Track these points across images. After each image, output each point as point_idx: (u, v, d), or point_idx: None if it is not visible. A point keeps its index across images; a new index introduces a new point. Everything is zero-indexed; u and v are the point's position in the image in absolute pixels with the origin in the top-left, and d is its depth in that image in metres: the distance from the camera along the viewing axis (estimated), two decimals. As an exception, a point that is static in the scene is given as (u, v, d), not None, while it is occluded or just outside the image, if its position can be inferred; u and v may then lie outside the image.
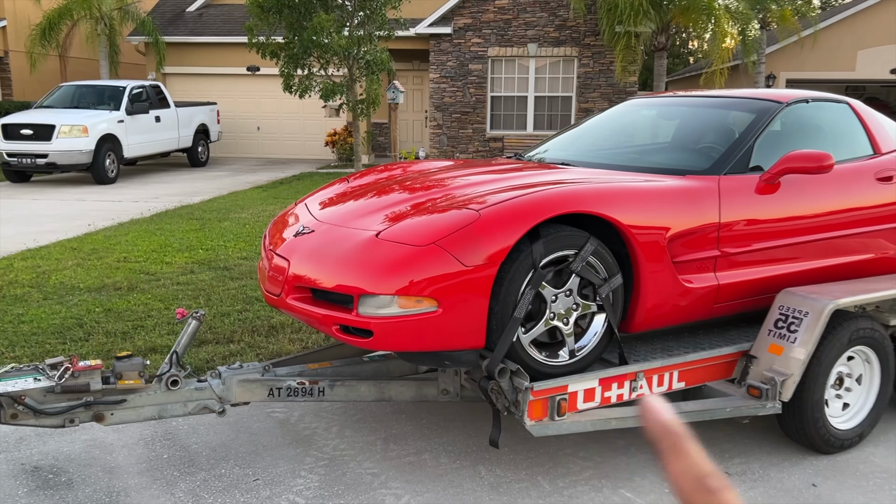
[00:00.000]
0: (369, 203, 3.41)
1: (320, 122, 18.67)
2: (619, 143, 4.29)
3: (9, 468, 3.30)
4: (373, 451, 3.50)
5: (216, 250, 7.68)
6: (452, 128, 17.16)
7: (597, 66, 16.59)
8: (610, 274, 3.03)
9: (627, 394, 3.15)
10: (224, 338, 4.95)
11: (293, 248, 3.18)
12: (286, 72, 13.51)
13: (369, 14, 13.54)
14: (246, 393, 3.24)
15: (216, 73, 19.04)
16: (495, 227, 2.79)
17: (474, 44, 16.80)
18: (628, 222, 3.02)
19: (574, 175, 3.47)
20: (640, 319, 3.19)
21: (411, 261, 2.75)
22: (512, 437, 3.56)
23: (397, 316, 2.73)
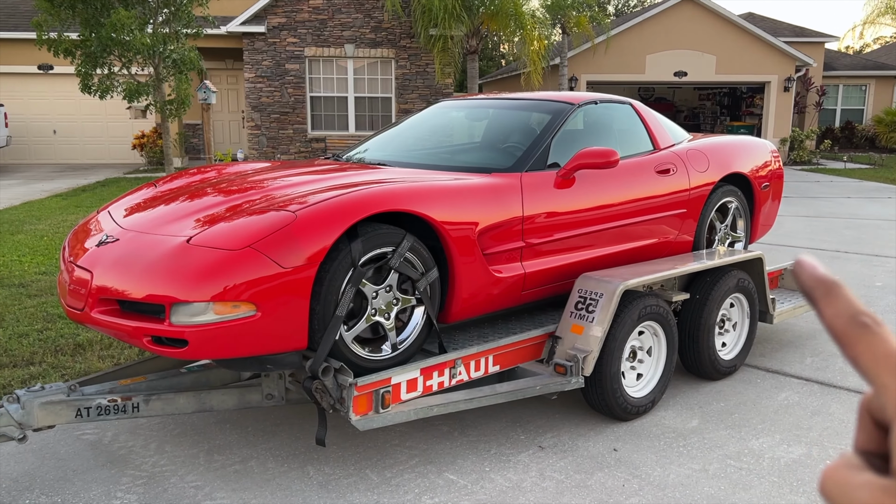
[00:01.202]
0: (179, 208, 3.30)
1: (126, 124, 17.51)
2: (431, 144, 4.47)
3: None
4: (195, 463, 3.40)
5: (9, 266, 7.00)
6: (272, 128, 16.78)
7: (414, 67, 16.95)
8: (427, 268, 3.17)
9: (448, 381, 3.31)
10: (23, 360, 4.55)
11: (96, 258, 3.01)
12: (83, 71, 12.52)
13: (174, 11, 12.89)
14: (50, 416, 3.02)
15: (2, 73, 17.23)
16: (313, 228, 2.82)
17: (290, 43, 16.53)
18: (441, 219, 3.18)
19: (389, 175, 3.58)
20: (457, 310, 3.36)
21: (226, 265, 2.71)
22: (340, 435, 3.61)
23: (214, 323, 2.68)
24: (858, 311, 0.40)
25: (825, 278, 0.41)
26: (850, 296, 0.40)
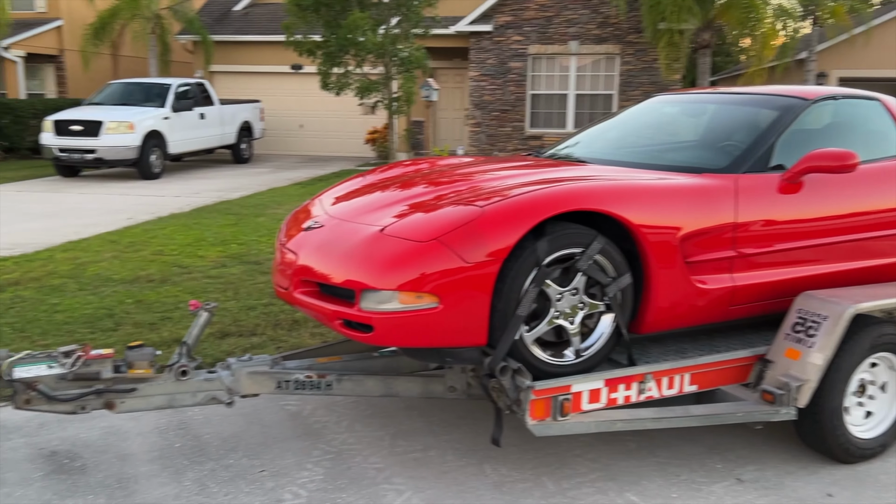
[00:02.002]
0: (381, 198, 3.41)
1: (361, 120, 18.80)
2: (639, 141, 4.22)
3: (27, 452, 3.40)
4: (380, 446, 3.51)
5: (249, 245, 7.81)
6: (491, 126, 17.11)
7: (640, 63, 16.34)
8: (618, 273, 2.98)
9: (635, 396, 3.09)
10: (247, 331, 5.03)
11: (302, 242, 3.21)
12: (323, 70, 13.64)
13: (406, 12, 13.58)
14: (254, 385, 3.28)
15: (261, 72, 19.35)
16: (498, 224, 2.76)
17: (515, 41, 16.72)
18: (638, 221, 2.96)
19: (588, 172, 3.42)
20: (651, 320, 3.12)
21: (413, 256, 2.74)
22: (521, 437, 3.53)
23: (398, 311, 2.73)
24: None
25: None
26: None
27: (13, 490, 3.08)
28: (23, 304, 5.53)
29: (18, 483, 3.13)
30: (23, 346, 4.55)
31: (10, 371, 2.87)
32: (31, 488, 3.09)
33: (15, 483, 3.13)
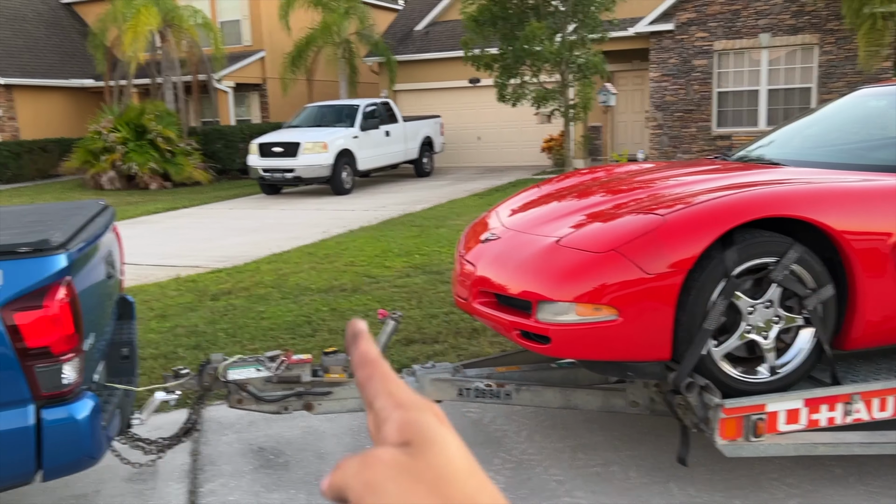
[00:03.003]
0: (555, 209, 3.42)
1: (537, 129, 18.86)
2: (841, 139, 3.86)
3: (239, 447, 3.77)
4: (560, 458, 3.49)
5: (431, 255, 8.10)
6: (674, 127, 16.42)
7: (842, 52, 14.92)
8: (819, 284, 2.76)
9: (840, 418, 2.83)
10: (430, 338, 5.22)
11: (480, 253, 3.29)
12: (500, 82, 13.85)
13: (582, 18, 13.44)
14: (437, 392, 3.39)
15: (440, 88, 20.03)
16: (681, 233, 2.66)
17: (698, 38, 15.94)
18: (840, 227, 2.72)
19: (782, 175, 3.20)
20: (858, 335, 2.85)
21: (590, 268, 2.72)
22: (710, 456, 3.34)
23: (575, 323, 2.71)
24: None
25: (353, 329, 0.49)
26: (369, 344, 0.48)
27: (228, 481, 3.42)
28: (234, 312, 6.13)
29: (232, 475, 3.48)
30: (234, 350, 5.05)
31: (225, 373, 3.20)
32: (243, 480, 3.42)
33: (229, 475, 3.48)
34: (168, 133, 17.15)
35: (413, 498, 0.41)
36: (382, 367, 0.47)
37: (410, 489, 0.42)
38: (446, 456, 0.43)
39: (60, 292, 2.26)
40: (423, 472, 0.42)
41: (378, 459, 0.43)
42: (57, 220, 2.73)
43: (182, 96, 18.56)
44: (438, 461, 0.42)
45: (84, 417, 2.32)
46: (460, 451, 0.44)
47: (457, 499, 0.41)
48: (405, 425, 0.44)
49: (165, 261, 8.63)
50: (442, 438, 0.44)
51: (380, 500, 0.42)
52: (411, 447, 0.43)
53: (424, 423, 0.44)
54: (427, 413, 0.45)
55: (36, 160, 20.06)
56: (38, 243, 2.28)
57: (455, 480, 0.42)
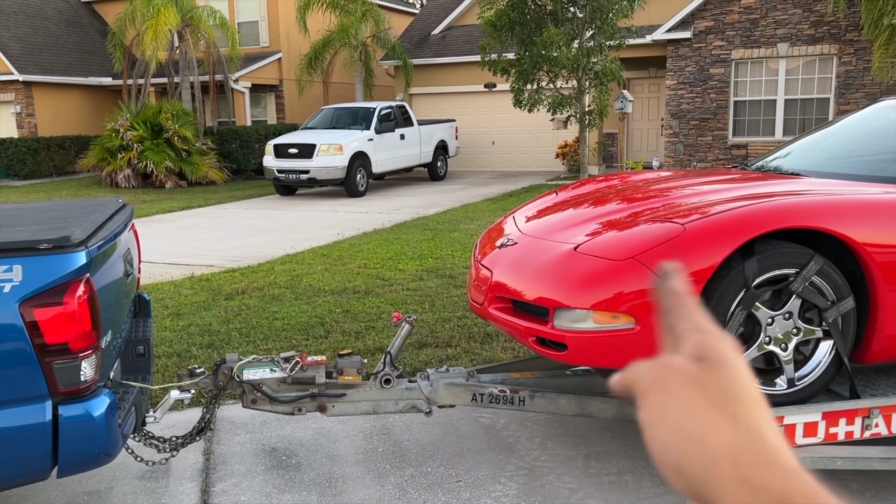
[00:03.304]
0: (574, 215, 3.40)
1: (552, 135, 18.84)
2: (862, 151, 3.83)
3: (252, 447, 3.78)
4: (573, 465, 3.47)
5: (444, 259, 8.10)
6: (690, 136, 16.36)
7: (860, 63, 14.82)
8: (839, 297, 2.73)
9: (859, 432, 2.80)
10: (443, 342, 5.21)
11: (497, 259, 3.28)
12: (516, 87, 13.84)
13: (600, 25, 13.42)
14: (451, 396, 3.39)
15: (455, 92, 20.05)
16: (701, 243, 2.64)
17: (716, 47, 15.88)
18: (863, 239, 2.70)
19: (802, 186, 3.17)
20: (878, 349, 2.82)
21: (608, 275, 2.70)
22: (724, 468, 3.32)
23: (593, 331, 2.70)
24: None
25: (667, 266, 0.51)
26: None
27: (240, 481, 3.43)
28: (248, 312, 6.15)
29: (244, 475, 3.48)
30: (248, 350, 5.06)
31: (240, 373, 3.21)
32: (255, 480, 3.42)
33: (242, 474, 3.49)
34: (184, 132, 17.26)
35: (695, 404, 0.43)
36: (691, 301, 0.49)
37: (694, 396, 0.44)
38: (736, 377, 0.44)
39: (80, 289, 2.27)
40: (710, 385, 0.44)
41: (671, 363, 0.46)
42: (77, 218, 2.74)
43: (199, 96, 18.68)
44: (727, 380, 0.44)
45: (100, 414, 2.33)
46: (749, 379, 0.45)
47: (739, 415, 0.43)
48: (703, 344, 0.46)
49: (180, 259, 8.67)
50: (735, 363, 0.45)
51: (663, 398, 0.45)
52: (705, 362, 0.45)
53: (721, 347, 0.46)
54: (724, 340, 0.47)
55: (53, 157, 20.25)
56: (59, 240, 2.30)
57: (739, 401, 0.43)
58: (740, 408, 0.43)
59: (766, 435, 0.43)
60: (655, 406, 0.45)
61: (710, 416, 0.43)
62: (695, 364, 0.45)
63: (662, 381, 0.45)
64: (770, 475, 0.41)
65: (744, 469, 0.41)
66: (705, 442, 0.42)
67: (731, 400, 0.43)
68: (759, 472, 0.41)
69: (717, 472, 0.42)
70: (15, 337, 2.19)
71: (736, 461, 0.42)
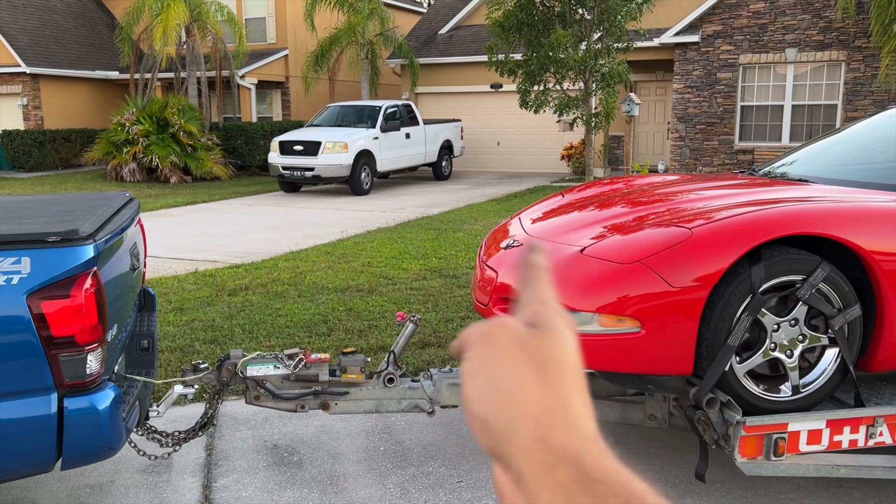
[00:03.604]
0: (579, 217, 3.40)
1: (558, 136, 18.82)
2: (870, 158, 3.82)
3: (254, 443, 3.78)
4: (575, 468, 3.46)
5: (448, 259, 8.09)
6: (696, 140, 16.33)
7: (869, 70, 14.78)
8: (846, 304, 2.72)
9: (863, 440, 2.79)
10: (445, 342, 5.21)
11: (502, 260, 3.28)
12: (523, 88, 13.83)
13: (608, 27, 13.41)
14: (454, 396, 3.38)
15: (462, 92, 20.05)
16: (709, 247, 2.64)
17: (724, 51, 15.85)
18: (870, 247, 2.69)
19: (810, 193, 3.17)
20: (884, 358, 2.81)
21: (614, 278, 2.70)
22: (727, 473, 3.31)
23: (598, 334, 2.69)
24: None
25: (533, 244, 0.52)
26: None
27: (242, 477, 3.43)
28: (251, 308, 6.16)
29: (246, 471, 3.49)
30: (251, 346, 5.07)
31: (244, 369, 3.21)
32: (257, 477, 3.43)
33: (243, 470, 3.49)
34: (190, 127, 17.28)
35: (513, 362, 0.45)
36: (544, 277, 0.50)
37: (515, 354, 0.45)
38: (560, 347, 0.45)
39: (87, 283, 2.28)
40: (532, 348, 0.45)
41: (501, 322, 0.47)
42: (85, 211, 2.75)
43: (205, 91, 18.70)
44: (550, 347, 0.45)
45: (105, 408, 2.33)
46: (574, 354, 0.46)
47: (552, 380, 0.44)
48: (538, 314, 0.47)
49: (184, 254, 8.68)
50: (563, 334, 0.47)
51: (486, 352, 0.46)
52: (535, 328, 0.46)
53: (554, 318, 0.47)
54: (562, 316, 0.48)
55: (58, 149, 20.28)
56: (67, 233, 2.30)
57: (556, 367, 0.45)
58: (555, 374, 0.44)
59: (572, 402, 0.44)
60: (477, 358, 0.46)
61: (524, 375, 0.44)
62: (526, 328, 0.46)
63: (490, 336, 0.46)
64: (567, 437, 0.43)
65: (544, 428, 0.42)
66: (514, 397, 0.43)
67: (549, 365, 0.44)
68: (557, 433, 0.42)
69: (518, 429, 0.43)
70: (22, 329, 2.20)
71: (538, 420, 0.43)
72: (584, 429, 0.44)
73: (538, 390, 0.44)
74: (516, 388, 0.44)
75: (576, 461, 0.42)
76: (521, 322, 0.47)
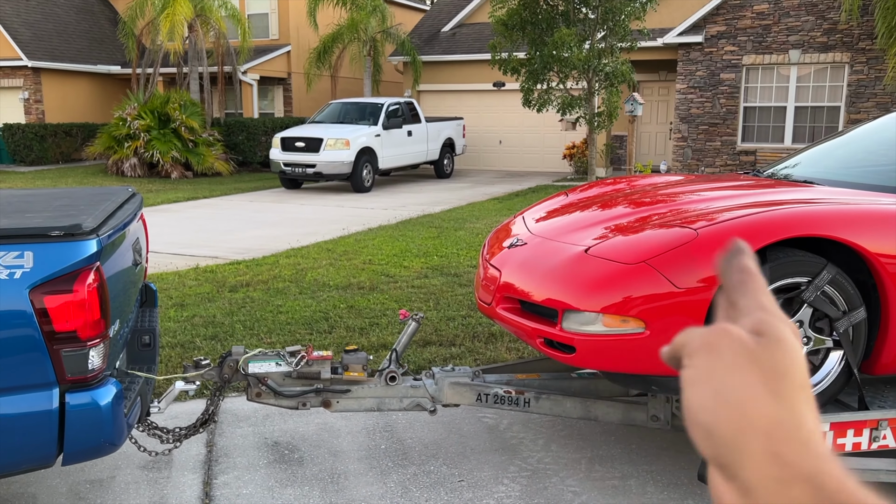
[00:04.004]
0: (583, 217, 3.39)
1: (560, 136, 18.81)
2: (875, 161, 3.80)
3: (254, 440, 3.77)
4: (577, 469, 3.46)
5: (449, 257, 8.08)
6: (698, 140, 16.32)
7: (872, 72, 14.76)
8: (851, 307, 2.71)
9: (867, 444, 2.78)
10: (447, 341, 5.20)
11: (505, 259, 3.27)
12: (526, 87, 13.81)
13: (612, 27, 13.39)
14: (456, 395, 3.37)
15: (464, 90, 20.02)
16: (714, 248, 2.62)
17: (727, 52, 15.83)
18: (876, 250, 2.68)
19: (815, 195, 3.15)
20: (888, 361, 2.80)
21: (619, 279, 2.69)
22: (728, 475, 3.30)
23: (601, 334, 2.68)
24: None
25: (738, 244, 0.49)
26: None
27: (242, 474, 3.42)
28: (252, 304, 6.15)
29: (247, 468, 3.48)
30: (251, 343, 5.06)
31: (245, 366, 3.20)
32: (257, 474, 3.42)
33: (244, 467, 3.48)
34: (191, 123, 17.26)
35: (742, 373, 0.43)
36: (760, 281, 0.48)
37: (744, 365, 0.43)
38: (790, 359, 0.44)
39: (90, 277, 2.27)
40: (762, 359, 0.43)
41: (726, 330, 0.45)
42: (87, 206, 2.74)
43: (207, 87, 18.68)
44: (781, 358, 0.43)
45: (107, 404, 2.32)
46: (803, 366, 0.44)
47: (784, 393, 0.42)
48: (764, 322, 0.45)
49: (185, 250, 8.67)
50: (793, 345, 0.45)
51: (711, 361, 0.44)
52: (763, 337, 0.44)
53: (781, 327, 0.45)
54: (787, 323, 0.46)
55: (60, 144, 20.26)
56: (70, 228, 2.29)
57: (787, 380, 0.43)
58: (787, 387, 0.43)
59: (805, 417, 0.43)
60: (701, 367, 0.45)
61: (754, 387, 0.43)
62: (752, 337, 0.44)
63: (715, 344, 0.45)
64: (802, 454, 0.41)
65: (777, 443, 0.41)
66: (744, 410, 0.42)
67: (780, 378, 0.43)
68: (791, 448, 0.41)
69: (748, 441, 0.42)
70: (24, 323, 2.19)
71: (770, 434, 0.41)
72: (819, 447, 0.42)
73: (769, 403, 0.42)
74: (746, 400, 0.42)
75: (814, 481, 0.40)
76: (746, 330, 0.45)
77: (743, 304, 0.47)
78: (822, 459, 0.41)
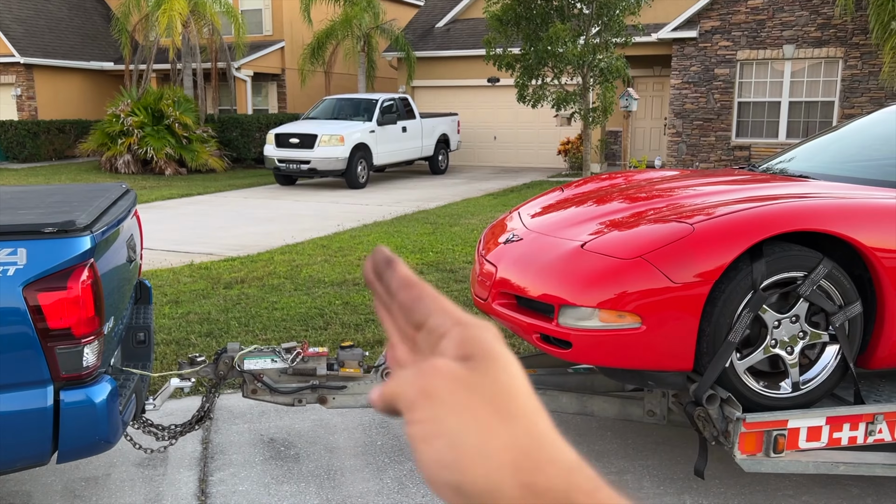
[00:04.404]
0: (581, 212, 3.38)
1: (554, 131, 18.80)
2: (872, 155, 3.81)
3: (250, 437, 3.76)
4: (573, 464, 3.45)
5: (444, 253, 8.07)
6: (693, 136, 16.33)
7: (866, 67, 14.79)
8: (847, 301, 2.72)
9: (862, 437, 2.79)
10: (443, 337, 5.19)
11: (501, 254, 3.26)
12: (521, 82, 13.80)
13: (606, 22, 13.38)
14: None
15: (459, 86, 19.99)
16: (710, 243, 2.63)
17: (722, 47, 15.84)
18: (871, 244, 2.68)
19: (811, 189, 3.16)
20: (884, 355, 2.81)
21: (615, 274, 2.68)
22: (725, 470, 3.31)
23: (598, 329, 2.68)
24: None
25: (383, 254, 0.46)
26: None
27: (238, 471, 3.41)
28: (247, 301, 6.13)
29: (242, 465, 3.47)
30: (247, 339, 5.04)
31: (241, 363, 3.19)
32: (253, 470, 3.41)
33: (240, 464, 3.47)
34: (185, 119, 17.19)
35: (468, 410, 0.40)
36: (429, 288, 0.45)
37: (468, 400, 0.40)
38: (508, 373, 0.41)
39: (84, 274, 2.25)
40: (482, 386, 0.41)
41: (436, 369, 0.41)
42: (81, 202, 2.72)
43: (201, 83, 18.60)
44: (500, 377, 0.41)
45: (102, 401, 2.31)
46: (520, 371, 0.42)
47: (516, 414, 0.40)
48: (466, 340, 0.42)
49: (179, 247, 8.64)
50: (504, 356, 0.42)
51: (433, 409, 0.41)
52: (472, 361, 0.42)
53: (487, 340, 0.42)
54: (489, 331, 0.43)
55: (53, 140, 20.17)
56: (64, 224, 2.27)
57: (515, 397, 0.41)
58: (515, 405, 0.40)
59: (543, 432, 0.41)
60: (426, 419, 0.41)
61: (486, 420, 0.40)
62: (461, 364, 0.41)
63: (429, 389, 0.41)
64: (552, 475, 0.40)
65: (526, 474, 0.39)
66: (485, 450, 0.39)
67: (506, 398, 0.40)
68: (540, 474, 0.39)
69: (500, 483, 0.39)
70: (18, 321, 2.17)
71: (518, 466, 0.39)
72: (564, 460, 0.41)
73: (506, 433, 0.40)
74: (483, 438, 0.39)
75: (567, 499, 0.39)
76: (452, 357, 0.42)
77: (433, 324, 0.43)
78: (570, 473, 0.40)
